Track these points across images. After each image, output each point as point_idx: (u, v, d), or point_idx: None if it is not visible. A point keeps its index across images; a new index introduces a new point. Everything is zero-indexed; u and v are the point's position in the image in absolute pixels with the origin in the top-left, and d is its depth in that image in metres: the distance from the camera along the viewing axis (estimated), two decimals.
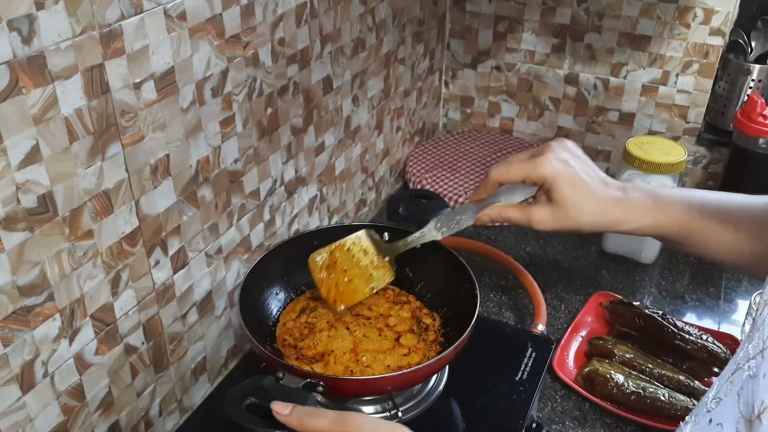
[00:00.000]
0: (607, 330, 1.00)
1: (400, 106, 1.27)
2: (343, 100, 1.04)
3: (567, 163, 0.69)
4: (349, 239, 0.79)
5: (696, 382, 0.89)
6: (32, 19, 0.52)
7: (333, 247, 0.79)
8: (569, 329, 0.98)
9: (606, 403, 0.86)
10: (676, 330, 0.93)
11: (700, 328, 0.96)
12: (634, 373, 0.89)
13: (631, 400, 0.85)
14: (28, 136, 0.54)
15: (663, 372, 0.89)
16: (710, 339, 0.93)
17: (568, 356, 0.95)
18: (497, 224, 0.78)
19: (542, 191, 0.71)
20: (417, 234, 0.79)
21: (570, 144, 0.72)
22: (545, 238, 1.22)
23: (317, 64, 0.93)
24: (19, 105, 0.53)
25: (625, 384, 0.86)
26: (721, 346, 0.92)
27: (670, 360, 0.93)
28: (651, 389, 0.86)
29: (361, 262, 0.78)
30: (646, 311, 0.96)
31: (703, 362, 0.91)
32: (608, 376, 0.87)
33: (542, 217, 0.70)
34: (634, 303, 0.98)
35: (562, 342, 0.96)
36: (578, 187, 0.68)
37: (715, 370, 0.91)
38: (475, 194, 0.76)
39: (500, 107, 1.45)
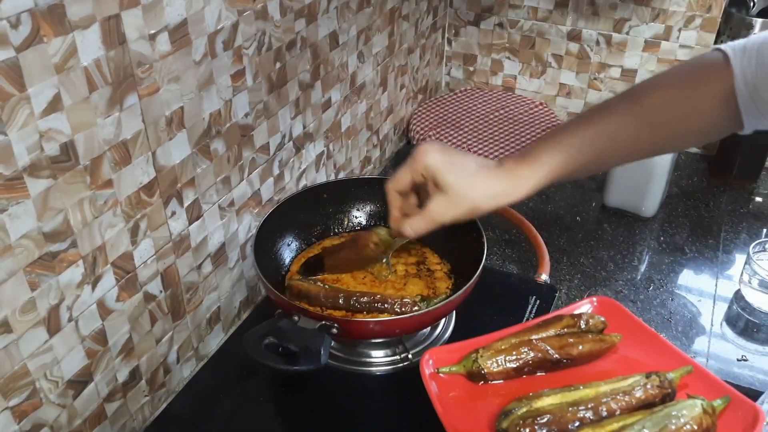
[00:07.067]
0: None
1: (403, 63, 1.28)
2: (348, 56, 1.05)
3: (442, 151, 0.69)
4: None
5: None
6: None
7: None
8: None
9: None
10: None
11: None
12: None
13: None
14: (49, 85, 0.55)
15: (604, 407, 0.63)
16: None
17: None
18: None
19: (431, 185, 0.70)
20: None
21: (438, 143, 0.72)
22: (547, 193, 1.24)
23: (324, 18, 0.94)
24: (41, 53, 0.54)
25: None
26: None
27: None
28: None
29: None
30: None
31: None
32: None
33: (440, 208, 0.69)
34: None
35: None
36: (459, 168, 0.68)
37: None
38: (392, 220, 0.76)
39: (503, 65, 1.45)
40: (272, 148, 0.91)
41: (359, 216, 0.93)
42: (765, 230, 1.16)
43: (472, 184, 0.67)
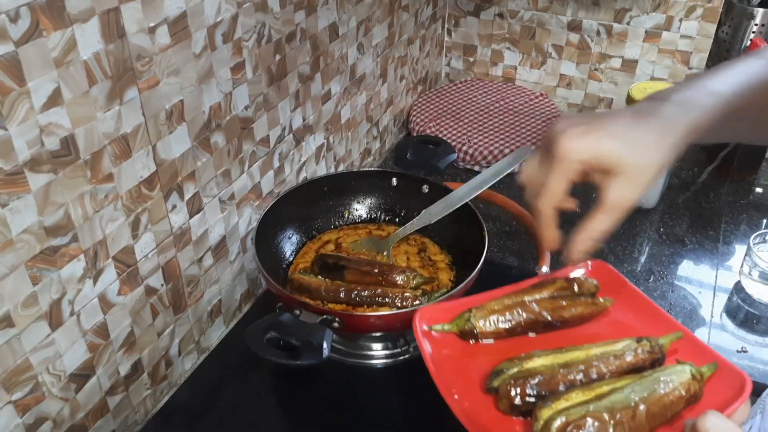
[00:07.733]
0: None
1: (403, 54, 1.27)
2: (348, 47, 1.04)
3: (582, 132, 0.57)
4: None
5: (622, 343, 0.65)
6: None
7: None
8: None
9: None
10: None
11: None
12: (578, 394, 0.58)
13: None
14: (49, 79, 0.55)
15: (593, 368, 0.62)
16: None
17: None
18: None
19: (598, 175, 0.58)
20: (407, 225, 0.82)
21: (567, 115, 0.63)
22: None
23: (323, 10, 0.93)
24: (41, 47, 0.54)
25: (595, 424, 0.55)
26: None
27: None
28: (618, 398, 0.57)
29: None
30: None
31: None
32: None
33: (623, 192, 0.57)
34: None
35: None
36: (625, 137, 0.56)
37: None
38: (549, 241, 0.66)
39: (503, 55, 1.45)
40: (272, 140, 0.91)
41: (359, 209, 0.93)
42: (765, 221, 1.16)
43: (647, 145, 0.56)
